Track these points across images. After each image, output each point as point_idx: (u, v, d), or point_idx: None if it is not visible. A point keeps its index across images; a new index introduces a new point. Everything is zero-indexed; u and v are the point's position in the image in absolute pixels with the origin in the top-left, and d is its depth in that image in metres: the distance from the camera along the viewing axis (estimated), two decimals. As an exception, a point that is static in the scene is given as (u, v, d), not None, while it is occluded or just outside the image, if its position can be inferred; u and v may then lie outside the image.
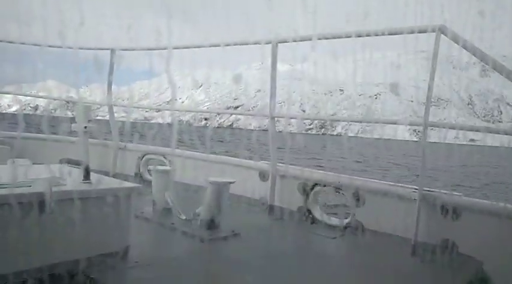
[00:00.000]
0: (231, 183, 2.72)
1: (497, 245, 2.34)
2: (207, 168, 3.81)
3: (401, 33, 2.63)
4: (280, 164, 3.53)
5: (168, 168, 3.18)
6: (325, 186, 3.19)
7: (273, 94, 3.40)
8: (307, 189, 3.26)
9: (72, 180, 1.93)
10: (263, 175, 3.58)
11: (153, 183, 3.10)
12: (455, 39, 2.41)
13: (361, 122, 3.24)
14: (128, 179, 2.89)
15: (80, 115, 4.53)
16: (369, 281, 2.17)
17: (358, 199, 2.98)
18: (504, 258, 2.27)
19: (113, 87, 4.62)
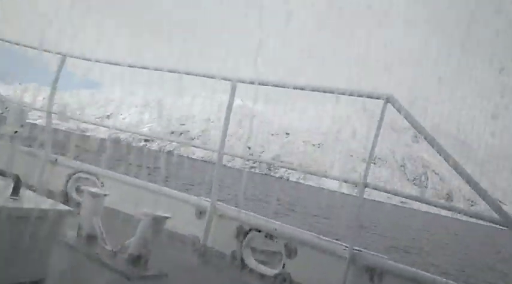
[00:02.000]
0: (167, 218, 2.63)
1: None
2: (142, 197, 3.64)
3: (351, 95, 2.86)
4: (219, 202, 3.47)
5: (102, 191, 3.00)
6: (260, 231, 3.19)
7: (224, 131, 3.41)
8: (242, 233, 3.23)
9: None
10: (200, 212, 3.46)
11: (83, 204, 2.90)
12: (400, 109, 2.66)
13: (304, 172, 3.35)
14: (53, 196, 2.74)
15: (13, 118, 4.05)
16: None
17: (290, 250, 2.99)
18: None
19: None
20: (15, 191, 1.84)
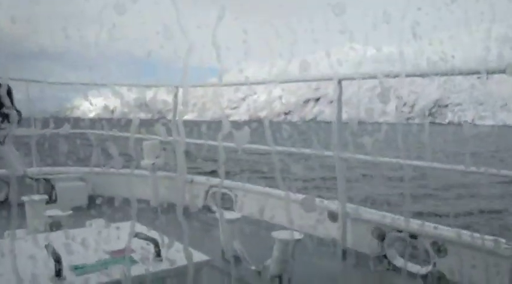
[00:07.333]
0: (298, 240, 2.72)
1: None
2: (273, 205, 3.99)
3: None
4: (349, 205, 3.48)
5: (236, 216, 3.34)
6: (400, 232, 3.19)
7: (339, 135, 3.39)
8: (382, 234, 3.29)
9: (144, 257, 2.06)
10: (332, 216, 3.58)
11: (221, 231, 3.29)
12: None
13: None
14: (194, 214, 3.67)
15: (147, 152, 4.72)
16: None
17: (438, 249, 2.93)
18: None
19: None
20: (158, 253, 2.14)
